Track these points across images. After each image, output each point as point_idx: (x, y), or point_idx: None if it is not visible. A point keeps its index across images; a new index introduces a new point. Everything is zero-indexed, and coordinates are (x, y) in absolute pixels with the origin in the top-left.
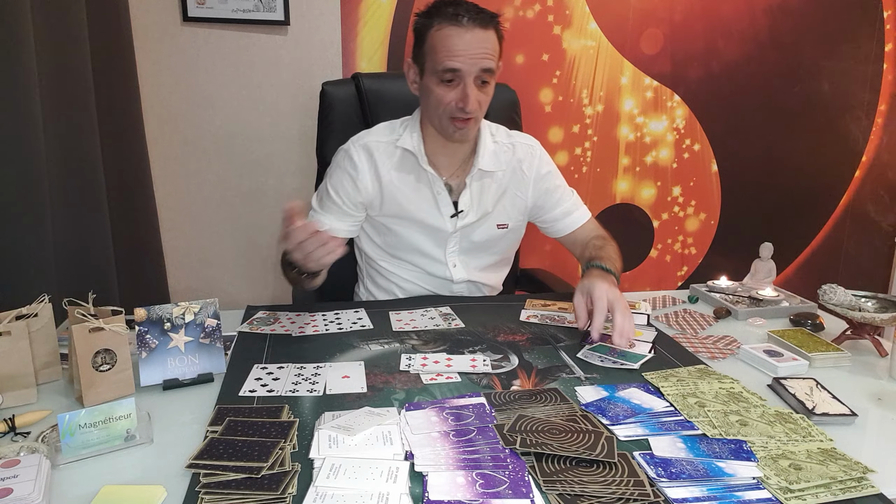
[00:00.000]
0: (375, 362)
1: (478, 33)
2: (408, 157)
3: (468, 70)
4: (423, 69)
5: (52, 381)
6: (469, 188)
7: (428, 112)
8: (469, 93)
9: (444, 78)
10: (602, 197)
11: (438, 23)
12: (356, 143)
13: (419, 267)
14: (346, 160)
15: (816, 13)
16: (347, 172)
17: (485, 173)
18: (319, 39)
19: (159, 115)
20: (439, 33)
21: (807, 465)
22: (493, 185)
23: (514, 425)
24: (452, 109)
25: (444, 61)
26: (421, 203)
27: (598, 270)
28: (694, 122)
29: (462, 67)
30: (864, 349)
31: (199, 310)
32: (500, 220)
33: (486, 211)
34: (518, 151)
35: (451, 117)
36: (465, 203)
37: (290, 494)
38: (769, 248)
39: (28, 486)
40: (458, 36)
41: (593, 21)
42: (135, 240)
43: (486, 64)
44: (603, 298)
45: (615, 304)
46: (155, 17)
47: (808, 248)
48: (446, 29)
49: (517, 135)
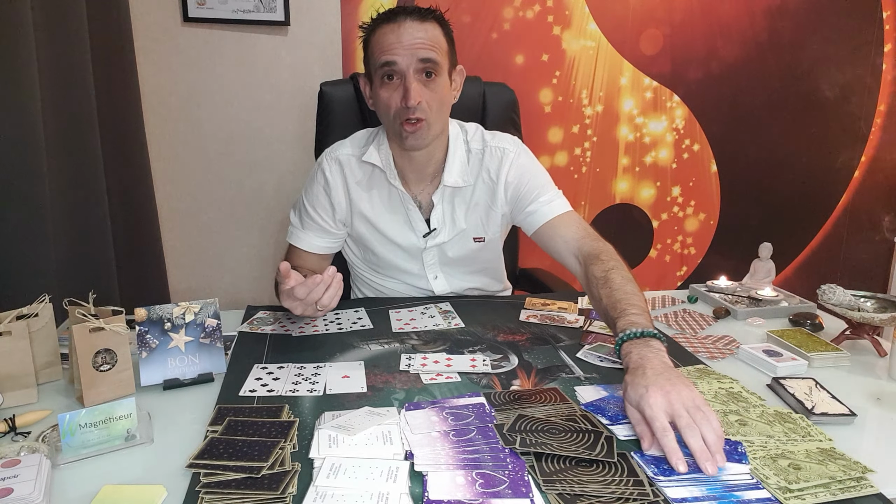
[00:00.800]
0: (375, 362)
1: (413, 24)
2: (377, 171)
3: (405, 62)
4: (372, 78)
5: (53, 380)
6: (440, 205)
7: (384, 123)
8: (409, 86)
9: (384, 73)
10: (602, 197)
11: (375, 27)
12: (330, 156)
13: (402, 280)
14: (319, 174)
15: (816, 14)
16: (322, 188)
17: (454, 189)
18: (319, 39)
19: (159, 115)
20: (375, 35)
21: (806, 464)
22: (465, 199)
23: (514, 425)
24: (400, 111)
25: (380, 57)
26: (392, 221)
27: (636, 347)
28: (693, 123)
29: (398, 59)
30: (863, 349)
31: (199, 310)
32: (476, 234)
33: (461, 227)
34: (487, 159)
35: (400, 120)
36: (436, 220)
37: (290, 494)
38: (768, 248)
39: (28, 486)
40: (392, 31)
41: (593, 21)
42: (135, 240)
43: (424, 54)
44: (658, 416)
45: (677, 413)
46: (155, 18)
47: (807, 248)
48: (381, 28)
49: (495, 138)
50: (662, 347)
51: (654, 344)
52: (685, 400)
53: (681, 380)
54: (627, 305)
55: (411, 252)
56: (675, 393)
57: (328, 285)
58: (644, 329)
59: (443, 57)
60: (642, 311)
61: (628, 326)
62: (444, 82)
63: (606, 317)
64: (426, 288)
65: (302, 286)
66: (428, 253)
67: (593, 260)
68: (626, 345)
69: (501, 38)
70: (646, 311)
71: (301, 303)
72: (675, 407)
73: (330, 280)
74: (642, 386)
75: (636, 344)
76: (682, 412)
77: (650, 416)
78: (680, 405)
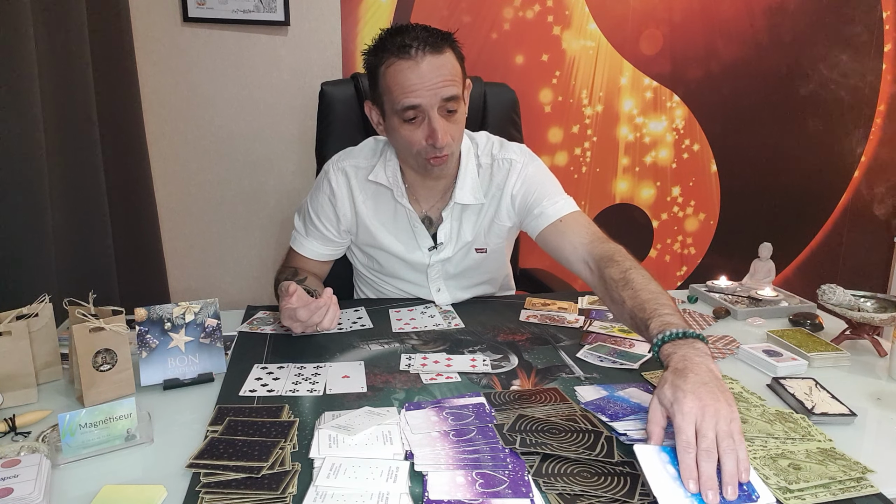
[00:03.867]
0: (375, 362)
1: (432, 61)
2: (383, 188)
3: (429, 103)
4: (384, 111)
5: (53, 380)
6: (448, 221)
7: (401, 154)
8: (436, 127)
9: (406, 117)
10: (602, 197)
11: (387, 59)
12: (336, 166)
13: (405, 290)
14: (325, 183)
15: (816, 13)
16: (328, 198)
17: (464, 206)
18: (319, 40)
19: (159, 115)
20: (390, 70)
21: (806, 465)
22: (473, 214)
23: (514, 425)
24: (425, 149)
25: (402, 100)
26: (397, 237)
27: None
28: (693, 123)
29: (422, 102)
30: (863, 349)
31: (199, 310)
32: (479, 246)
33: (466, 241)
34: (496, 172)
35: (425, 157)
36: (443, 236)
37: (291, 494)
38: (768, 248)
39: (28, 486)
40: (411, 69)
41: (593, 21)
42: (135, 240)
43: (448, 92)
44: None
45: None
46: (155, 18)
47: (807, 248)
48: (396, 64)
49: (503, 149)
50: (708, 351)
51: (699, 346)
52: (720, 422)
53: (725, 397)
54: (658, 305)
55: (415, 266)
56: (712, 410)
57: (328, 308)
58: (685, 330)
59: (461, 87)
60: (674, 311)
61: (665, 327)
62: (463, 110)
63: (634, 319)
64: (428, 297)
65: (304, 310)
66: (432, 268)
67: (608, 262)
68: (667, 346)
69: (501, 38)
70: (678, 311)
71: (301, 324)
72: (704, 425)
73: (329, 303)
74: (682, 390)
75: (679, 345)
76: (708, 433)
77: (679, 424)
78: (711, 426)
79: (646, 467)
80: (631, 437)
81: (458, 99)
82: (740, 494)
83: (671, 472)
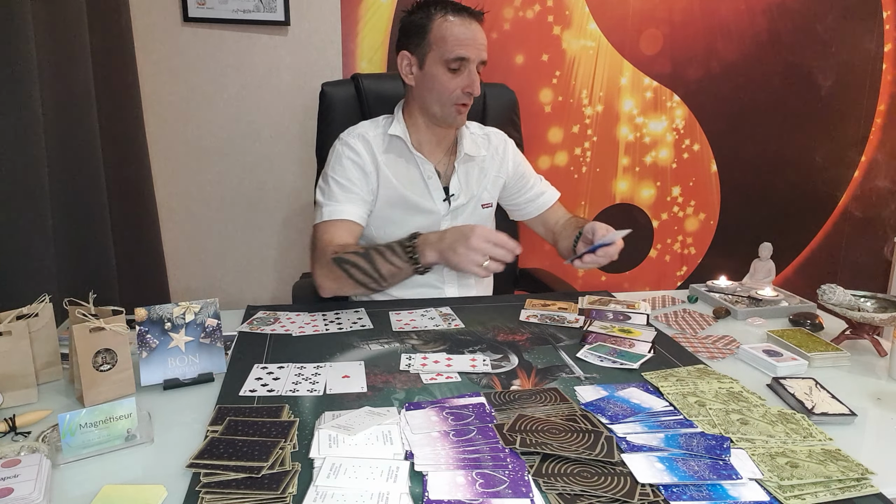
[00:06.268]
0: (375, 362)
1: (478, 27)
2: (397, 144)
3: (475, 58)
4: (425, 59)
5: (53, 380)
6: (457, 172)
7: (428, 100)
8: (475, 79)
9: (452, 66)
10: (602, 197)
11: (443, 13)
12: (351, 134)
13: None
14: (346, 149)
15: (816, 13)
16: (352, 160)
17: (469, 158)
18: (319, 40)
19: (159, 115)
20: (447, 23)
21: (805, 464)
22: (476, 168)
23: (514, 425)
24: (459, 95)
25: (456, 50)
26: (414, 188)
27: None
28: (693, 123)
29: (471, 56)
30: (863, 349)
31: (199, 310)
32: (485, 200)
33: (473, 193)
34: (493, 139)
35: (456, 103)
36: (455, 187)
37: (291, 494)
38: (768, 248)
39: (29, 486)
40: (465, 26)
41: (593, 21)
42: (135, 240)
43: (485, 55)
44: (603, 227)
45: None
46: (155, 18)
47: (807, 248)
48: (452, 21)
49: (488, 128)
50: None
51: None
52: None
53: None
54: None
55: (430, 220)
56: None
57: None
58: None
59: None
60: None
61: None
62: None
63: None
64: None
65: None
66: (444, 222)
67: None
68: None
69: (501, 38)
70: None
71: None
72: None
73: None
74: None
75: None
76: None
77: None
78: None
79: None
80: (631, 443)
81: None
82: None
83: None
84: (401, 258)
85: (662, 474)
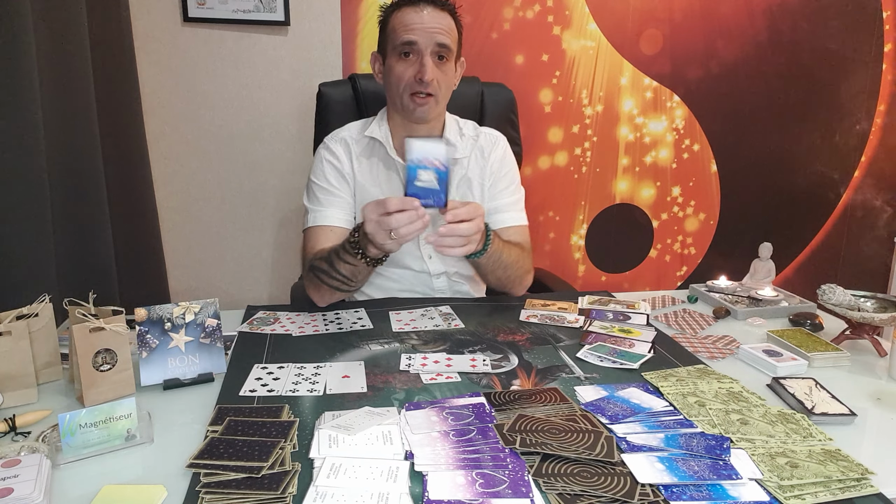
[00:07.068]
0: (375, 362)
1: (433, 12)
2: (376, 147)
3: (424, 42)
4: (385, 54)
5: (53, 380)
6: None
7: (391, 94)
8: (426, 63)
9: (402, 51)
10: (602, 197)
11: (398, 8)
12: (334, 138)
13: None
14: (326, 152)
15: (816, 13)
16: (331, 164)
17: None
18: (319, 40)
19: (159, 115)
20: (397, 15)
21: (805, 464)
22: (458, 173)
23: (514, 425)
24: (412, 84)
25: (402, 35)
26: (392, 193)
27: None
28: (693, 123)
29: (418, 39)
30: (863, 349)
31: (199, 310)
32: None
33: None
34: (481, 140)
35: (411, 93)
36: None
37: (291, 494)
38: (768, 248)
39: (29, 486)
40: (416, 12)
41: (593, 21)
42: (135, 240)
43: (441, 39)
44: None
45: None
46: (155, 18)
47: (807, 248)
48: (404, 10)
49: (485, 129)
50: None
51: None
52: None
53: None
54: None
55: None
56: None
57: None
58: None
59: (454, 45)
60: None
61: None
62: (452, 68)
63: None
64: (422, 270)
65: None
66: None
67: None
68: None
69: (501, 38)
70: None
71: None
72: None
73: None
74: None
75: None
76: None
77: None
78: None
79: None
80: (631, 443)
81: (450, 50)
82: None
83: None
84: (351, 255)
85: (662, 474)
